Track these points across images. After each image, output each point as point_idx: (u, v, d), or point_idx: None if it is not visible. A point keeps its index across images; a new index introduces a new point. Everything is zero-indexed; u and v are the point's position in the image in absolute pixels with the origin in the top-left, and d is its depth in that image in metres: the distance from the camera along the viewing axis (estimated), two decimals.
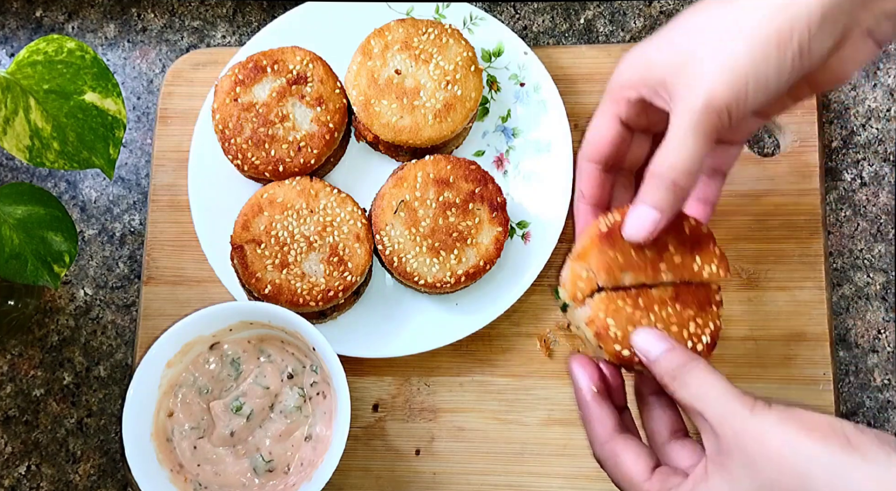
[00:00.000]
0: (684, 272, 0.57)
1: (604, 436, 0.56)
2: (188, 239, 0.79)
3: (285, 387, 0.70)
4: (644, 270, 0.57)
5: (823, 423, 0.47)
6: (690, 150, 0.53)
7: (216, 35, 0.86)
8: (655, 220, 0.55)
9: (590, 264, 0.57)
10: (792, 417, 0.47)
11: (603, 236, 0.57)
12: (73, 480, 0.78)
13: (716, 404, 0.49)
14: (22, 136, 0.58)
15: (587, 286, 0.57)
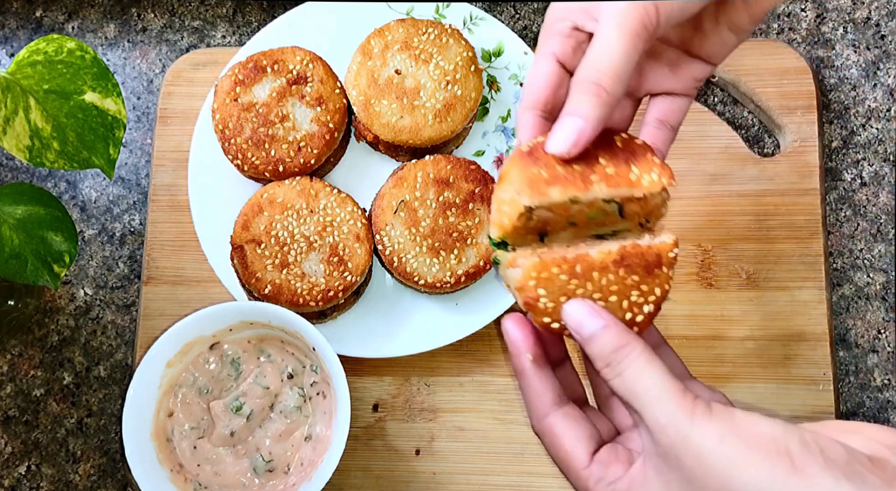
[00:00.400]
0: (620, 182, 0.50)
1: (542, 410, 0.51)
2: (188, 239, 0.79)
3: (285, 387, 0.70)
4: (574, 183, 0.50)
5: (767, 438, 0.43)
6: (616, 49, 0.49)
7: (216, 35, 0.86)
8: (580, 128, 0.50)
9: (511, 183, 0.51)
10: (734, 431, 0.43)
11: (524, 155, 0.52)
12: (73, 480, 0.78)
13: (653, 408, 0.45)
14: (22, 136, 0.58)
15: (513, 209, 0.50)
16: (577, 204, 0.50)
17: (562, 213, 0.51)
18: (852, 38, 0.81)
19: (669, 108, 0.59)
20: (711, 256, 0.77)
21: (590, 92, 0.49)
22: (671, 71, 0.58)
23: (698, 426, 0.44)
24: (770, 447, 0.42)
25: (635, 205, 0.51)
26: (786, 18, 0.83)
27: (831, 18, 0.82)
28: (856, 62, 0.81)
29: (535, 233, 0.51)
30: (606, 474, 0.48)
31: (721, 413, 0.44)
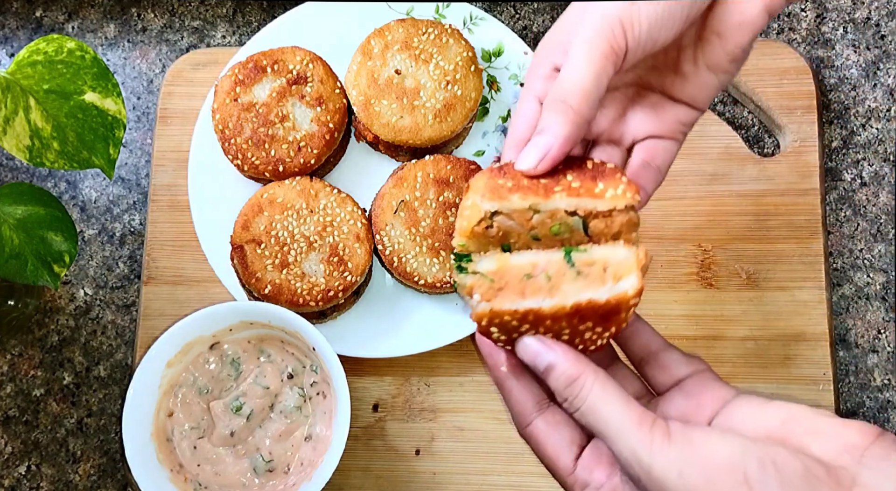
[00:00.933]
0: (583, 194, 0.49)
1: (523, 418, 0.52)
2: (188, 239, 0.79)
3: (285, 387, 0.70)
4: (535, 191, 0.50)
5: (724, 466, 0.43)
6: (583, 70, 0.49)
7: (216, 35, 0.86)
8: (548, 145, 0.50)
9: (475, 192, 0.51)
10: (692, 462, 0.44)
11: (493, 170, 0.52)
12: (73, 480, 0.78)
13: (615, 442, 0.46)
14: (22, 136, 0.58)
15: (473, 214, 0.50)
16: (538, 213, 0.50)
17: (524, 224, 0.50)
18: (852, 38, 0.81)
19: (654, 150, 0.58)
20: (711, 256, 0.77)
21: (558, 110, 0.50)
22: (655, 115, 0.58)
23: (658, 460, 0.44)
24: (727, 477, 0.43)
25: (600, 222, 0.50)
26: (786, 18, 0.83)
27: (831, 18, 0.82)
28: (856, 62, 0.81)
29: (496, 243, 0.51)
30: (591, 480, 0.49)
31: (680, 440, 0.45)
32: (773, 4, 0.53)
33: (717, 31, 0.54)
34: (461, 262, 0.50)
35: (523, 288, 0.49)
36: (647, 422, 0.45)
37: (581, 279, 0.49)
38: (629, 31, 0.50)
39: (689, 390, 0.52)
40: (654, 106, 0.58)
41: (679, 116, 0.58)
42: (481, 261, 0.50)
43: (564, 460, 0.50)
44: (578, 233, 0.50)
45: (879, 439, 0.44)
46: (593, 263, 0.49)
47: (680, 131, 0.58)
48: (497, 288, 0.49)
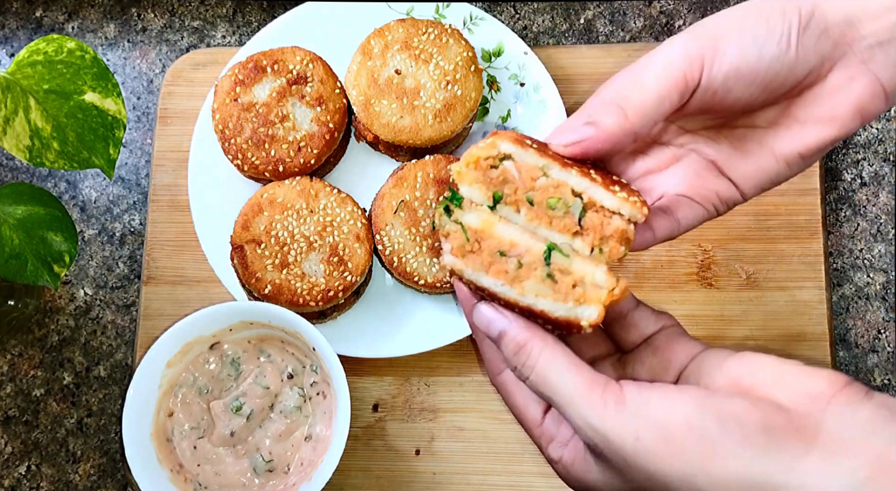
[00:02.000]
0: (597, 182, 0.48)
1: (495, 366, 0.52)
2: (188, 239, 0.79)
3: (285, 387, 0.70)
4: (555, 159, 0.48)
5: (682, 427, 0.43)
6: (651, 86, 0.49)
7: (216, 35, 0.86)
8: (587, 133, 0.49)
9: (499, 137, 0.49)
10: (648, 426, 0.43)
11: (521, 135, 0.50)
12: (73, 480, 0.78)
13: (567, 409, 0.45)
14: (22, 136, 0.58)
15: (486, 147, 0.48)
16: (546, 177, 0.48)
17: (527, 181, 0.48)
18: None
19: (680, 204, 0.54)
20: (711, 255, 0.77)
21: (611, 111, 0.49)
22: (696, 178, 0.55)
23: (612, 426, 0.44)
24: (686, 436, 0.43)
25: (597, 217, 0.48)
26: None
27: None
28: None
29: (491, 187, 0.49)
30: (558, 434, 0.49)
31: (634, 403, 0.44)
32: (867, 109, 0.50)
33: (800, 119, 0.52)
34: (450, 202, 0.49)
35: (491, 262, 0.48)
36: (597, 387, 0.45)
37: (547, 284, 0.47)
38: (707, 68, 0.49)
39: (658, 346, 0.51)
40: (697, 172, 0.55)
41: (720, 190, 0.55)
42: (468, 213, 0.48)
43: (532, 413, 0.50)
44: (570, 218, 0.49)
45: (847, 388, 0.44)
46: (569, 273, 0.47)
47: (713, 204, 0.55)
48: (469, 249, 0.48)
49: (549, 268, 0.47)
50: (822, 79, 0.50)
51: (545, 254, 0.48)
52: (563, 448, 0.48)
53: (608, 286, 0.47)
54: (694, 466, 0.42)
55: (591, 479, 0.47)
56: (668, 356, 0.50)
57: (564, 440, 0.48)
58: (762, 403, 0.43)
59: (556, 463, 0.49)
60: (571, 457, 0.48)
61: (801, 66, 0.49)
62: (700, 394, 0.44)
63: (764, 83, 0.49)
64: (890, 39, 0.49)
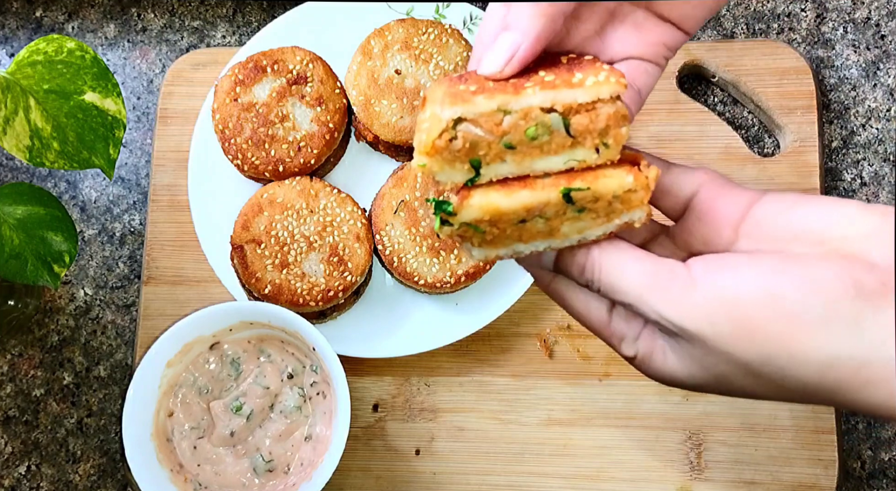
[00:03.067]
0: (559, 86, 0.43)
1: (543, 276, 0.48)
2: (188, 239, 0.79)
3: (285, 387, 0.70)
4: (504, 91, 0.43)
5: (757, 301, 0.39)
6: None
7: (216, 35, 0.86)
8: (516, 43, 0.44)
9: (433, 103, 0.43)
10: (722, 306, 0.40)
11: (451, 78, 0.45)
12: (73, 480, 0.78)
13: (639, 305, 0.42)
14: (22, 136, 0.58)
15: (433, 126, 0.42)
16: (508, 114, 0.43)
17: (493, 129, 0.43)
18: (852, 38, 0.81)
19: (635, 71, 0.50)
20: None
21: (528, 3, 0.44)
22: (637, 34, 0.50)
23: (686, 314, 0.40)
24: (763, 314, 0.39)
25: (583, 117, 0.43)
26: (786, 18, 0.83)
27: (831, 18, 0.82)
28: (856, 62, 0.81)
29: (465, 160, 0.43)
30: (628, 330, 0.46)
31: (704, 285, 0.40)
32: None
33: None
34: (442, 211, 0.43)
35: (520, 233, 0.44)
36: (663, 273, 0.41)
37: (584, 218, 0.44)
38: None
39: (701, 209, 0.46)
40: (637, 24, 0.51)
41: (664, 38, 0.51)
42: (465, 211, 0.43)
43: (596, 314, 0.46)
44: (559, 134, 0.43)
45: None
46: (598, 198, 0.43)
47: (663, 55, 0.51)
48: (489, 239, 0.44)
49: (575, 206, 0.43)
50: None
51: (564, 199, 0.43)
52: (636, 342, 0.45)
53: (640, 185, 0.43)
54: (773, 346, 0.39)
55: (671, 370, 0.44)
56: (716, 217, 0.45)
57: (635, 334, 0.45)
58: (849, 264, 0.39)
59: (633, 360, 0.46)
60: (647, 350, 0.45)
61: None
62: (775, 262, 0.40)
63: None
64: None
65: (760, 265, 0.40)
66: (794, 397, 0.41)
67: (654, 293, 0.41)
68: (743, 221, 0.44)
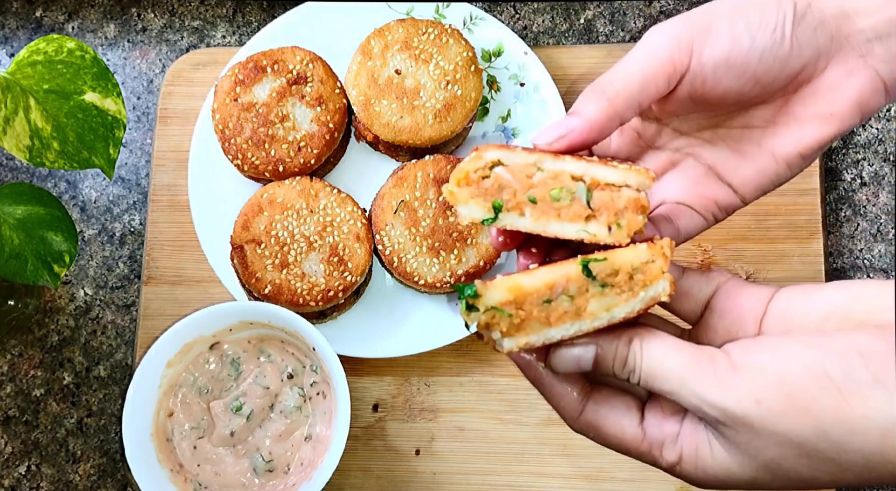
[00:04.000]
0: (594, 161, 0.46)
1: (572, 410, 0.48)
2: (188, 239, 0.79)
3: (285, 387, 0.70)
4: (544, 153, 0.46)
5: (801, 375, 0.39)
6: (633, 67, 0.47)
7: (216, 35, 0.86)
8: (571, 125, 0.46)
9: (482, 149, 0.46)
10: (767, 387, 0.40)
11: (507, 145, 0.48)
12: (73, 480, 0.78)
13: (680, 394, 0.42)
14: (22, 136, 0.58)
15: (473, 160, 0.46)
16: (541, 171, 0.45)
17: (524, 182, 0.46)
18: None
19: (681, 212, 0.52)
20: (711, 255, 0.77)
21: (593, 99, 0.47)
22: (693, 186, 0.52)
23: (730, 396, 0.40)
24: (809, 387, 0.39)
25: (606, 194, 0.45)
26: None
27: None
28: None
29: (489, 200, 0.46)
30: (664, 435, 0.45)
31: (746, 367, 0.41)
32: (867, 104, 0.48)
33: (798, 116, 0.50)
34: (468, 297, 0.44)
35: (547, 315, 0.45)
36: (703, 359, 0.42)
37: (608, 293, 0.45)
38: (697, 54, 0.47)
39: (722, 308, 0.47)
40: (695, 179, 0.53)
41: (718, 197, 0.52)
42: (490, 292, 0.44)
43: (631, 431, 0.46)
44: (579, 203, 0.46)
45: None
46: (617, 271, 0.44)
47: (712, 212, 0.53)
48: (517, 322, 0.45)
49: (597, 282, 0.44)
50: (818, 74, 0.49)
51: (584, 272, 0.44)
52: (677, 444, 0.44)
53: (657, 255, 0.44)
54: (826, 417, 0.39)
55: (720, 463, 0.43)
56: (738, 313, 0.46)
57: (674, 435, 0.45)
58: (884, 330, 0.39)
59: (677, 465, 0.45)
60: (691, 446, 0.44)
61: (796, 60, 0.48)
62: (812, 337, 0.40)
63: (756, 75, 0.48)
64: (889, 33, 0.47)
65: (798, 342, 0.40)
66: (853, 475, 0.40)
67: (696, 378, 0.41)
68: (765, 316, 0.45)
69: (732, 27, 0.47)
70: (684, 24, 0.47)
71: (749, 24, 0.47)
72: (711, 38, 0.47)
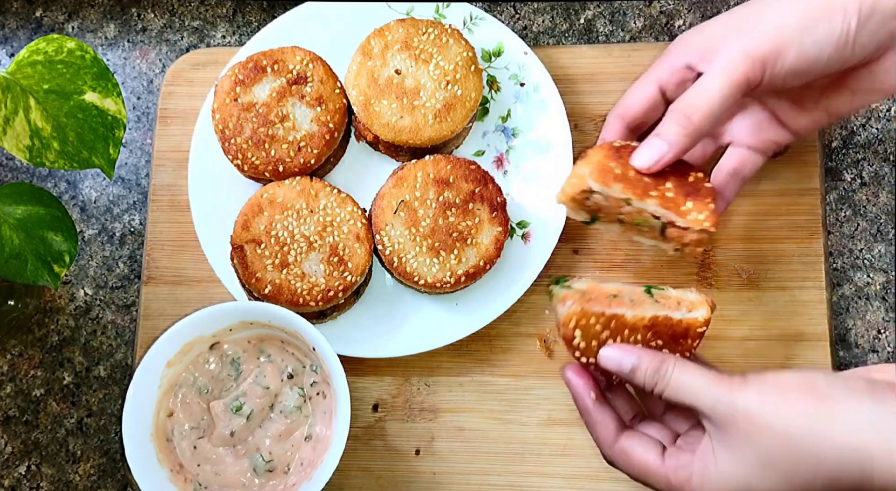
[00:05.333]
0: (670, 206, 0.58)
1: (610, 439, 0.58)
2: (188, 239, 0.79)
3: (285, 387, 0.70)
4: (634, 189, 0.58)
5: (795, 382, 0.51)
6: (713, 91, 0.56)
7: (216, 35, 0.86)
8: (662, 151, 0.57)
9: (588, 164, 0.59)
10: (767, 386, 0.52)
11: (613, 148, 0.60)
12: (73, 480, 0.78)
13: (701, 396, 0.53)
14: (22, 136, 0.58)
15: (578, 183, 0.59)
16: (629, 205, 0.59)
17: (615, 207, 0.59)
18: None
19: (745, 160, 0.66)
20: (711, 255, 0.77)
21: (679, 123, 0.57)
22: (758, 130, 0.65)
23: (740, 395, 0.52)
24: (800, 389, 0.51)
25: (676, 231, 0.59)
26: None
27: None
28: None
29: (588, 211, 0.62)
30: (679, 462, 0.55)
31: (753, 379, 0.52)
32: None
33: (853, 88, 0.59)
34: (559, 284, 0.60)
35: (609, 302, 0.58)
36: (723, 377, 0.53)
37: (658, 304, 0.58)
38: (769, 70, 0.56)
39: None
40: (761, 123, 0.65)
41: (777, 138, 0.65)
42: (575, 282, 0.60)
43: (654, 460, 0.56)
44: (655, 230, 0.60)
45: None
46: (669, 297, 0.59)
47: (772, 150, 0.66)
48: (587, 299, 0.58)
49: (653, 297, 0.59)
50: (875, 61, 0.57)
51: (646, 292, 0.59)
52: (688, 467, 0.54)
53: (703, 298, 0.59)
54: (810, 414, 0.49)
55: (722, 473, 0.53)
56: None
57: (687, 462, 0.54)
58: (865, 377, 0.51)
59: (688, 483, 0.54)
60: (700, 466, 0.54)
61: (857, 57, 0.56)
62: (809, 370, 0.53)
63: (823, 73, 0.57)
64: None
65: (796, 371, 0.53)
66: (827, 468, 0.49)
67: (716, 385, 0.53)
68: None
69: (801, 46, 0.55)
70: (757, 43, 0.56)
71: (816, 40, 0.55)
72: (782, 58, 0.55)
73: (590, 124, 0.79)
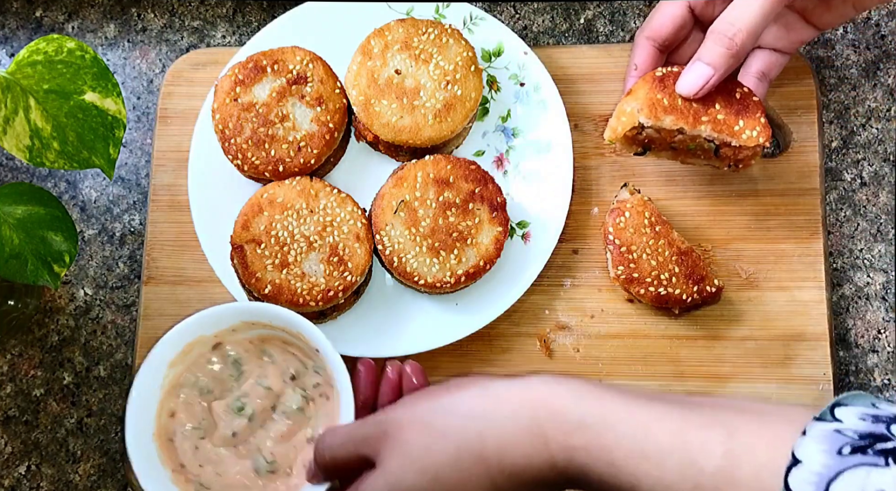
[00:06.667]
0: (724, 129, 0.60)
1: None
2: (188, 239, 0.78)
3: (287, 388, 0.70)
4: (686, 118, 0.60)
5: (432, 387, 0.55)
6: (755, 11, 0.56)
7: (216, 35, 0.86)
8: (708, 75, 0.58)
9: (636, 100, 0.61)
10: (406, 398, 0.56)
11: (656, 79, 0.61)
12: (73, 480, 0.78)
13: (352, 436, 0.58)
14: (22, 136, 0.58)
15: (629, 121, 0.61)
16: (682, 134, 0.60)
17: (667, 137, 0.61)
18: (852, 38, 0.81)
19: (772, 63, 0.67)
20: (711, 255, 0.77)
21: (722, 44, 0.57)
22: (786, 32, 0.65)
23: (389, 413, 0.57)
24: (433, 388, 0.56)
25: (729, 150, 0.61)
26: None
27: None
28: (856, 62, 0.81)
29: (639, 145, 0.63)
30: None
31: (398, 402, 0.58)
32: None
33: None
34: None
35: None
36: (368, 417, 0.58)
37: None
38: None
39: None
40: (789, 24, 0.65)
41: (805, 37, 0.66)
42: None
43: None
44: (709, 152, 0.63)
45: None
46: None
47: (796, 48, 0.67)
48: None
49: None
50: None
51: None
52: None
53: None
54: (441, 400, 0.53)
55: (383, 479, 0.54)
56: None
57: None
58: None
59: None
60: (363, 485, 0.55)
61: None
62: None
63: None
64: None
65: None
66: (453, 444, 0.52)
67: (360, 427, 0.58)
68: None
69: None
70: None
71: None
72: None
73: (590, 124, 0.79)
